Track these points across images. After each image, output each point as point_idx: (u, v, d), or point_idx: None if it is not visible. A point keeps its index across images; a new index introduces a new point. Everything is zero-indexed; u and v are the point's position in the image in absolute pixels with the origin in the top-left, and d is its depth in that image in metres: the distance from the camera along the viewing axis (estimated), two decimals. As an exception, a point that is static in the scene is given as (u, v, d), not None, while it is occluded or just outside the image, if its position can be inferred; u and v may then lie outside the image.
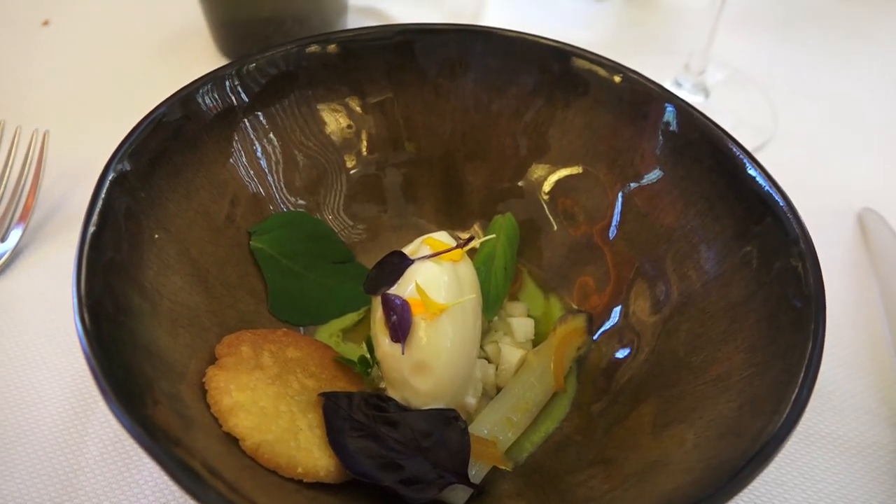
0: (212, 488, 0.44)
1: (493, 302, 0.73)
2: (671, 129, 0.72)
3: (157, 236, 0.63)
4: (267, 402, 0.60)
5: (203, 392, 0.59)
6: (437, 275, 0.64)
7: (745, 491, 0.47)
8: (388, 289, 0.65)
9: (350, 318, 0.76)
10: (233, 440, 0.56)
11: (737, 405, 0.55)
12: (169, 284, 0.63)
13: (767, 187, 0.64)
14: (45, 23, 1.15)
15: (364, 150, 0.79)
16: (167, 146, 0.66)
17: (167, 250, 0.64)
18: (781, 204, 0.62)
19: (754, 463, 0.47)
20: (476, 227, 0.81)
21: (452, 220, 0.82)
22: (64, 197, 0.89)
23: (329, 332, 0.74)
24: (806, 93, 1.13)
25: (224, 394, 0.58)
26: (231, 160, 0.72)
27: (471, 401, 0.66)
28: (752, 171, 0.65)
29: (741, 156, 0.67)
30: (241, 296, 0.70)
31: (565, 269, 0.78)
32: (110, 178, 0.60)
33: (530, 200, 0.80)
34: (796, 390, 0.51)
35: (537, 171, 0.80)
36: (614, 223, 0.75)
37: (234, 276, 0.70)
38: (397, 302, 0.63)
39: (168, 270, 0.63)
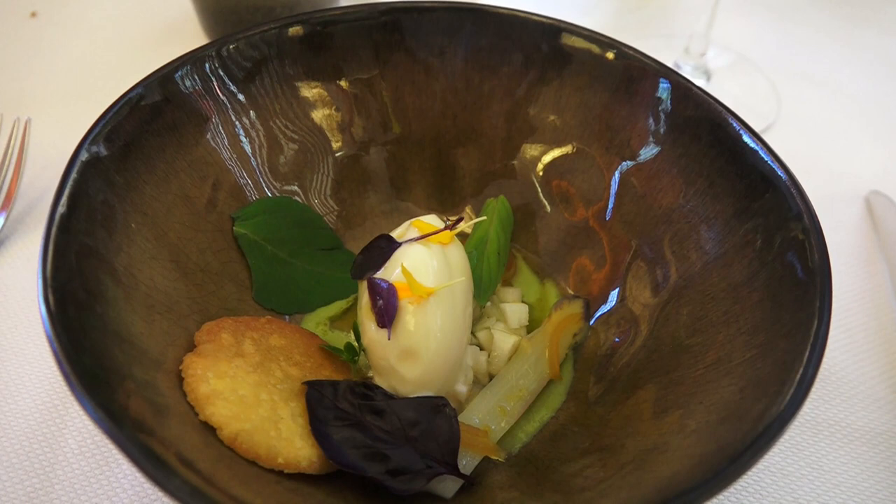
0: (177, 476, 0.42)
1: (485, 287, 0.70)
2: (668, 105, 0.69)
3: (133, 220, 0.61)
4: (247, 391, 0.57)
5: (180, 380, 0.56)
6: (425, 258, 0.62)
7: (751, 482, 0.44)
8: (374, 273, 0.63)
9: (338, 306, 0.73)
10: (210, 429, 0.54)
11: (738, 388, 0.53)
12: (146, 270, 0.60)
13: (769, 161, 0.61)
14: (33, 14, 1.13)
15: (351, 133, 0.77)
16: (144, 128, 0.64)
17: (144, 235, 0.62)
18: (783, 177, 0.60)
19: (756, 446, 0.44)
20: (468, 209, 0.79)
21: (444, 205, 0.79)
22: (48, 187, 0.87)
23: (316, 321, 0.72)
24: (809, 77, 1.10)
25: (201, 381, 0.56)
26: (212, 143, 0.69)
27: (461, 389, 0.64)
28: (753, 146, 0.63)
29: (741, 131, 0.64)
30: (223, 283, 0.68)
31: (561, 253, 0.76)
32: (82, 159, 0.58)
33: (524, 183, 0.78)
34: (801, 370, 0.48)
35: (531, 152, 0.77)
36: (611, 205, 0.73)
37: (216, 263, 0.68)
38: (383, 286, 0.61)
39: (145, 255, 0.61)
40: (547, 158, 0.76)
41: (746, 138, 0.63)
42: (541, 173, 0.77)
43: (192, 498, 0.41)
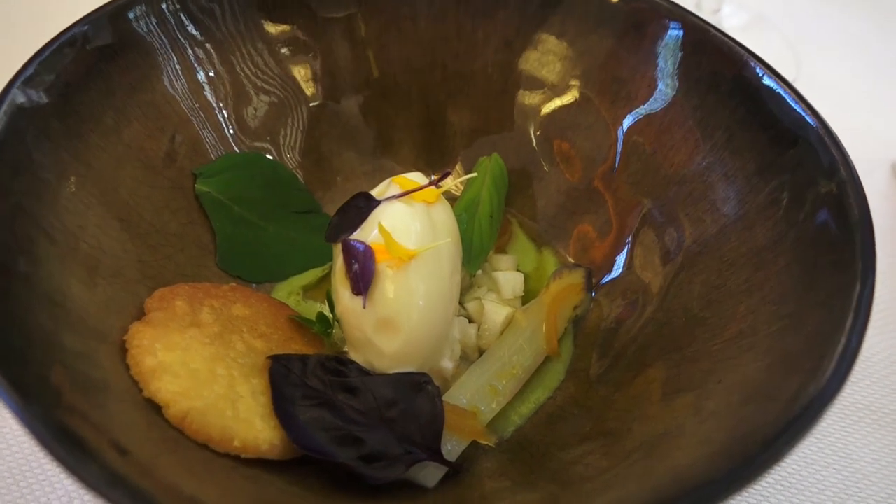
0: (94, 461, 0.35)
1: (476, 253, 0.63)
2: (681, 50, 0.62)
3: (74, 172, 0.54)
4: (201, 364, 0.50)
5: (125, 352, 0.49)
6: (407, 217, 0.55)
7: (772, 470, 0.37)
8: (349, 235, 0.55)
9: (313, 275, 0.66)
10: (155, 408, 0.47)
11: (765, 365, 0.46)
12: (89, 228, 0.53)
13: (798, 109, 0.54)
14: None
15: (328, 83, 0.69)
16: (90, 70, 0.57)
17: (88, 189, 0.54)
18: (814, 125, 0.52)
19: (793, 430, 0.37)
20: (458, 168, 0.71)
21: (433, 165, 0.72)
22: None
23: (288, 290, 0.65)
24: (830, 37, 1.03)
25: (147, 353, 0.49)
26: (170, 90, 0.62)
27: (447, 365, 0.57)
28: (779, 92, 0.55)
29: (766, 76, 0.57)
30: (182, 246, 0.61)
31: (561, 218, 0.69)
32: (14, 101, 0.51)
33: (521, 142, 0.70)
34: (843, 341, 0.41)
35: (528, 107, 0.70)
36: (617, 164, 0.65)
37: (174, 224, 0.60)
38: (359, 248, 0.54)
39: (89, 212, 0.54)
40: (546, 113, 0.69)
41: (772, 84, 0.56)
42: (539, 130, 0.70)
43: (110, 487, 0.34)
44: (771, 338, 0.47)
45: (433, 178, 0.57)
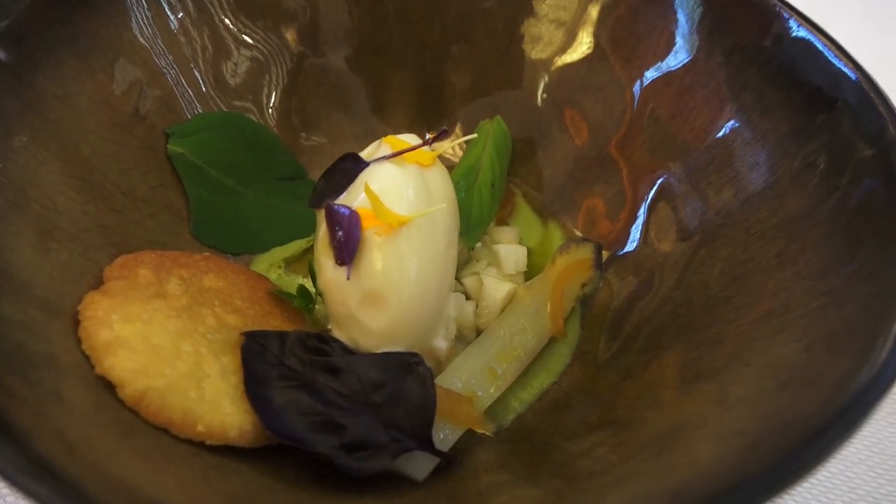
0: (12, 446, 0.29)
1: (475, 224, 0.58)
2: (703, 3, 0.56)
3: (27, 123, 0.49)
4: (163, 339, 0.45)
5: (76, 324, 0.43)
6: (399, 179, 0.49)
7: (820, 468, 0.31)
8: (334, 199, 0.50)
9: (296, 246, 0.61)
10: (109, 387, 0.41)
11: (803, 346, 0.40)
12: (42, 186, 0.48)
13: (838, 63, 0.48)
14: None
15: (316, 38, 0.64)
16: (47, 12, 0.51)
17: (42, 142, 0.49)
18: (856, 80, 0.47)
19: (846, 419, 0.31)
20: (457, 131, 0.66)
21: (431, 129, 0.66)
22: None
23: (269, 262, 0.60)
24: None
25: (102, 325, 0.44)
26: (140, 39, 0.57)
27: (441, 344, 0.52)
28: (815, 44, 0.50)
29: (801, 27, 0.51)
30: (152, 211, 0.55)
31: (569, 189, 0.63)
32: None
33: (527, 105, 0.65)
34: (899, 317, 0.35)
35: (535, 66, 0.64)
36: (632, 129, 0.60)
37: (142, 187, 0.55)
38: (343, 212, 0.48)
39: (42, 168, 0.48)
40: (555, 72, 0.64)
41: (807, 35, 0.51)
42: (547, 91, 0.64)
43: (32, 479, 0.28)
44: (808, 316, 0.42)
45: (428, 137, 0.52)
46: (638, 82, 0.60)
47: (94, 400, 0.40)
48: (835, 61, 0.49)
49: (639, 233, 0.58)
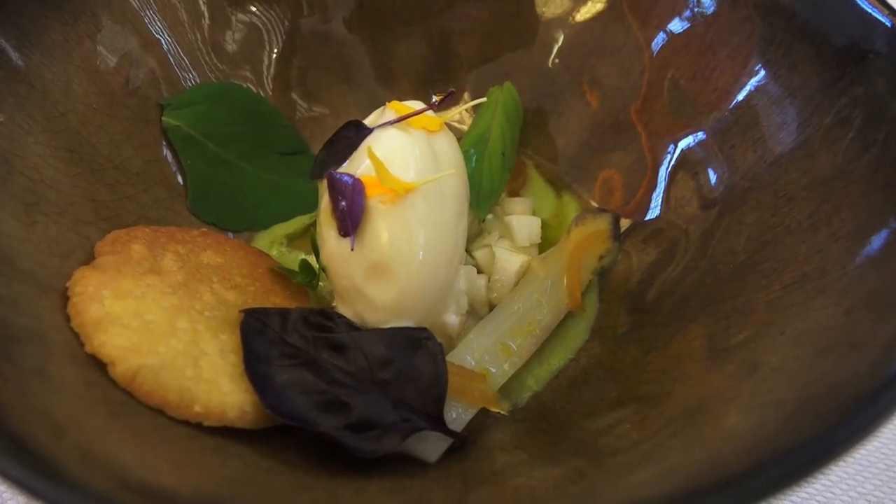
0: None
1: (485, 195, 0.55)
2: (727, -47, 0.53)
3: (12, 92, 0.46)
4: (158, 316, 0.43)
5: (66, 300, 0.41)
6: (404, 144, 0.47)
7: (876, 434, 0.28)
8: (337, 168, 0.47)
9: (299, 222, 0.59)
10: (100, 365, 0.39)
11: (843, 310, 0.37)
12: (29, 157, 0.46)
13: (871, 10, 0.45)
14: None
15: (320, 4, 0.61)
16: (33, -25, 0.48)
17: (28, 111, 0.47)
18: (890, 26, 0.44)
19: (900, 380, 0.28)
20: (465, 96, 0.63)
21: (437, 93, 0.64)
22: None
23: (270, 239, 0.57)
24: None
25: (92, 301, 0.41)
26: (133, 4, 0.54)
27: (451, 320, 0.49)
28: (848, -9, 0.46)
29: (832, -26, 0.47)
30: (146, 186, 0.53)
31: (584, 158, 0.61)
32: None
33: (538, 70, 0.62)
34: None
35: (548, 25, 0.61)
36: (651, 92, 0.56)
37: (136, 160, 0.53)
38: (346, 180, 0.45)
39: (28, 138, 0.46)
40: (568, 33, 0.61)
41: (839, -17, 0.47)
42: (559, 55, 0.61)
43: (9, 459, 0.26)
44: (847, 278, 0.39)
45: (435, 100, 0.49)
46: (656, 42, 0.56)
47: (83, 378, 0.38)
48: (868, 8, 0.46)
49: (659, 201, 0.55)
